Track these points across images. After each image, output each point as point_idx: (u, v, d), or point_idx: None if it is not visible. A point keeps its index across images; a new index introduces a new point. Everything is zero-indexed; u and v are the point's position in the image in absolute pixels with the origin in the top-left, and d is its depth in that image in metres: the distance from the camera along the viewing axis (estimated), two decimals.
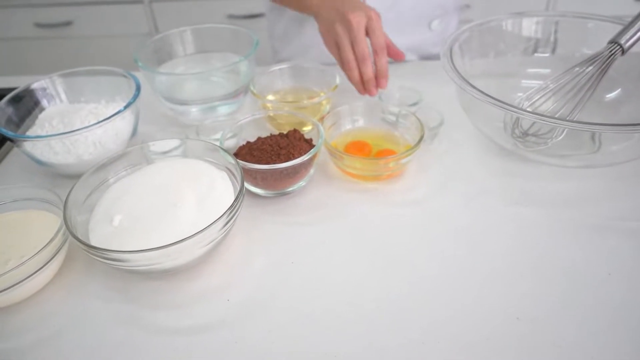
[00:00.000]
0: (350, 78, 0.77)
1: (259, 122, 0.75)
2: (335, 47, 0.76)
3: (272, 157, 0.64)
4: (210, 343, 0.51)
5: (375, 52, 0.74)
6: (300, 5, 0.85)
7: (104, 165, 0.63)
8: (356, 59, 0.74)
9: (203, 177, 0.63)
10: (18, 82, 0.78)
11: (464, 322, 0.52)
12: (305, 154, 0.64)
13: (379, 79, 0.75)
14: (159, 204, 0.59)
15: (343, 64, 0.76)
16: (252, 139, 0.70)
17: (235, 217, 0.56)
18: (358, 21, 0.72)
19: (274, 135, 0.69)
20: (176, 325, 0.53)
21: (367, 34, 0.74)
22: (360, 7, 0.73)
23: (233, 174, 0.63)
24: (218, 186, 0.61)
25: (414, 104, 0.78)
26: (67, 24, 1.88)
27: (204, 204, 0.59)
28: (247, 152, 0.67)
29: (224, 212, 0.54)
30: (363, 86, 0.76)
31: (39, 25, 1.88)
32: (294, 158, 0.63)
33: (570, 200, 0.66)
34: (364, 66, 0.73)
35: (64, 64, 0.86)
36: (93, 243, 0.55)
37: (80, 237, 0.53)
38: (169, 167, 0.65)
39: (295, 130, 0.69)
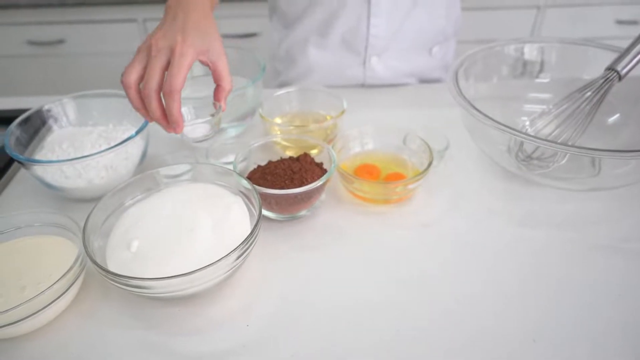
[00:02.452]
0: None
1: (266, 145, 0.76)
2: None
3: (285, 182, 0.65)
4: None
5: (163, 93, 0.58)
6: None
7: (120, 190, 0.64)
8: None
9: (218, 201, 0.63)
10: (17, 103, 0.78)
11: (482, 344, 0.53)
12: (317, 178, 0.65)
13: (169, 123, 0.61)
14: (176, 229, 0.60)
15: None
16: (262, 162, 0.71)
17: (254, 243, 0.57)
18: (158, 49, 0.58)
19: (286, 159, 0.69)
20: (197, 351, 0.53)
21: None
22: (175, 35, 0.59)
23: (248, 199, 0.63)
24: (233, 211, 0.62)
25: (444, 149, 0.76)
26: (60, 42, 1.87)
27: (221, 229, 0.59)
28: (260, 176, 0.67)
29: (245, 239, 0.54)
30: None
31: (31, 42, 1.86)
32: (307, 182, 0.64)
33: (574, 221, 0.68)
34: (148, 103, 0.59)
35: (56, 82, 0.85)
36: (112, 269, 0.55)
37: (99, 264, 0.53)
38: (184, 191, 0.66)
39: (306, 154, 0.70)
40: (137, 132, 0.70)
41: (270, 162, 0.70)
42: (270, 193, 0.63)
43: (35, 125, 0.77)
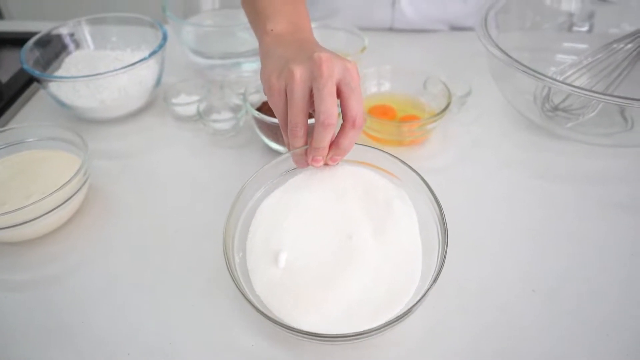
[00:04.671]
0: (291, 143, 0.49)
1: None
2: (282, 97, 0.47)
3: None
4: None
5: (347, 122, 0.46)
6: (256, 25, 0.57)
7: (251, 181, 0.50)
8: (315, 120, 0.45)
9: (376, 194, 0.50)
10: (46, 27, 0.78)
11: (480, 291, 0.51)
12: None
13: (333, 155, 0.48)
14: (329, 236, 0.47)
15: (289, 123, 0.47)
16: None
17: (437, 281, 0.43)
18: (330, 68, 0.44)
19: None
20: None
21: (339, 93, 0.46)
22: (337, 55, 0.47)
23: (412, 191, 0.51)
24: (396, 209, 0.49)
25: (466, 95, 0.73)
26: None
27: (382, 237, 0.47)
28: (270, 107, 0.66)
29: (433, 277, 0.42)
30: (305, 155, 0.49)
31: None
32: None
33: (596, 178, 0.64)
34: (323, 133, 0.45)
35: (90, 11, 0.85)
36: (259, 292, 0.45)
37: (243, 285, 0.44)
38: (330, 178, 0.51)
39: None
40: (151, 54, 0.69)
41: None
42: (276, 123, 0.61)
43: (55, 48, 0.78)
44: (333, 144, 0.48)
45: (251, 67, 0.82)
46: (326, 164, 0.50)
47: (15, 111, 0.76)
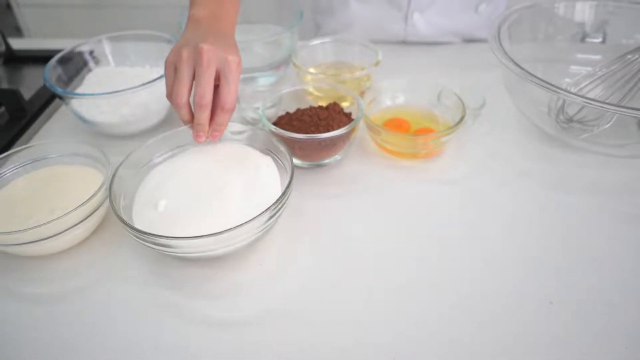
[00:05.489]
0: (178, 114, 0.59)
1: (299, 94, 0.75)
2: (171, 71, 0.58)
3: (311, 128, 0.64)
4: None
5: (217, 106, 0.57)
6: (189, 9, 0.65)
7: (147, 147, 0.62)
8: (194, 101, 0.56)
9: (248, 161, 0.61)
10: (67, 45, 0.80)
11: (497, 303, 0.51)
12: (344, 126, 0.64)
13: (212, 131, 0.59)
14: (205, 189, 0.57)
15: (171, 96, 0.57)
16: (291, 110, 0.71)
17: (286, 203, 0.55)
18: (209, 58, 0.54)
19: (314, 107, 0.69)
20: (219, 317, 0.52)
21: (219, 80, 0.57)
22: (225, 47, 0.57)
23: (279, 159, 0.62)
24: (264, 171, 0.60)
25: (480, 107, 0.73)
26: None
27: (251, 190, 0.57)
28: (287, 122, 0.67)
29: (278, 199, 0.52)
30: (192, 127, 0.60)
31: None
32: (333, 130, 0.63)
33: (611, 189, 0.64)
34: (199, 112, 0.56)
35: (107, 31, 0.88)
36: (138, 228, 0.52)
37: (126, 220, 0.51)
38: (212, 150, 0.63)
39: (335, 104, 0.69)
40: None
41: (298, 110, 0.69)
42: (293, 137, 0.62)
43: (77, 65, 0.80)
44: (210, 122, 0.58)
45: (267, 81, 0.84)
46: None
47: (38, 127, 0.78)
